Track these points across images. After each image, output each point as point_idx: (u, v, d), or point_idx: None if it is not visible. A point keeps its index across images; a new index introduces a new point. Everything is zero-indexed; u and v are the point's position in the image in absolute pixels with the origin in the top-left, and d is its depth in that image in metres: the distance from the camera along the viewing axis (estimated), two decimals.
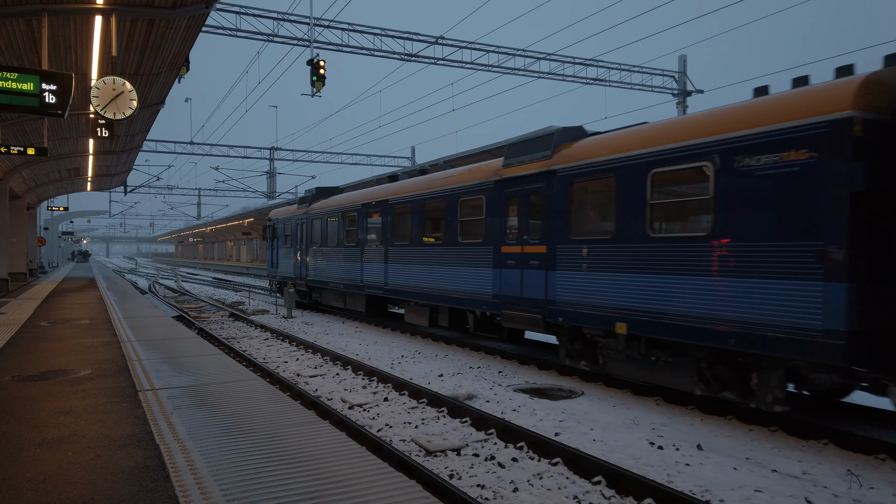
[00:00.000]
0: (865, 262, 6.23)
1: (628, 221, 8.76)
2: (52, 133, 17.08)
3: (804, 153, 6.60)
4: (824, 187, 6.40)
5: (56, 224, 58.32)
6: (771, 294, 6.85)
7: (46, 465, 3.96)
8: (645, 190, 8.46)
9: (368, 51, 19.91)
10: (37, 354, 8.11)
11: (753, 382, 7.33)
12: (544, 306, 10.37)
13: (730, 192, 7.34)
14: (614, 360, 9.32)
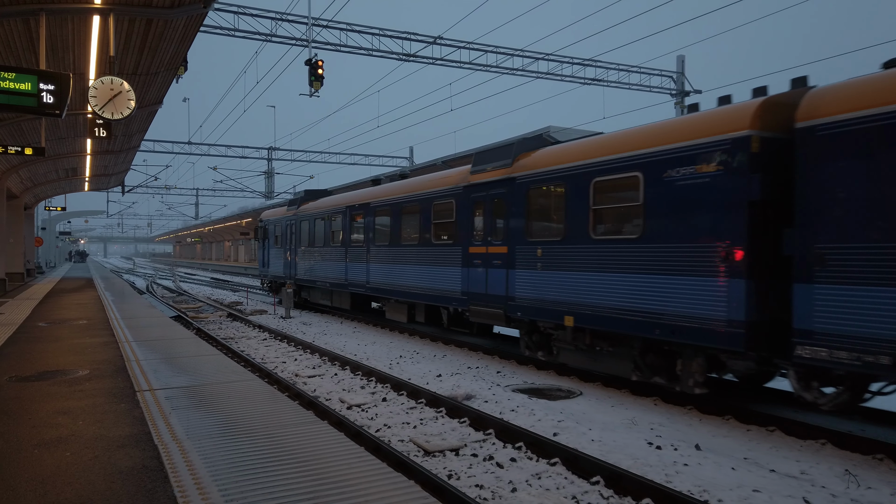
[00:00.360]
0: (760, 262, 7.18)
1: (575, 225, 9.76)
2: (50, 133, 17.05)
3: (713, 166, 7.58)
4: (728, 196, 7.36)
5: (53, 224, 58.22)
6: (687, 289, 7.84)
7: (44, 465, 3.95)
8: (588, 197, 9.48)
9: (367, 51, 19.90)
10: (35, 355, 8.10)
11: (678, 368, 8.27)
12: (505, 302, 11.32)
13: (656, 200, 8.34)
14: (565, 351, 10.29)
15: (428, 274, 13.94)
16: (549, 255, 10.32)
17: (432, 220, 13.83)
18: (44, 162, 21.52)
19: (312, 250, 20.99)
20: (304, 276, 21.65)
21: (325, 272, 19.87)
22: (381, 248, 16.16)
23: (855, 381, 6.71)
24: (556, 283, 10.11)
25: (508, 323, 11.46)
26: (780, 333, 7.11)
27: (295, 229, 22.61)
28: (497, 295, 11.57)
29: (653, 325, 8.30)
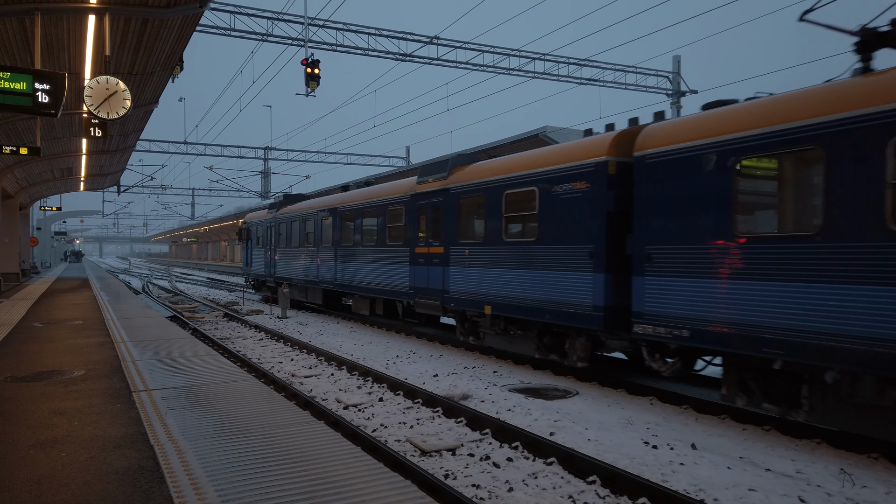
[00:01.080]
0: (613, 260, 9.13)
1: (492, 229, 11.64)
2: (45, 132, 17.00)
3: (584, 184, 9.55)
4: (593, 208, 9.36)
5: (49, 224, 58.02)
6: (567, 282, 9.82)
7: (40, 465, 3.95)
8: (502, 206, 11.33)
9: (363, 50, 19.89)
10: (30, 355, 8.08)
11: (567, 346, 10.26)
12: (442, 295, 13.19)
13: (547, 210, 10.28)
14: (488, 335, 12.12)
15: (384, 271, 15.80)
16: (473, 255, 12.23)
17: (387, 223, 15.66)
18: (39, 161, 21.46)
19: (289, 250, 22.63)
20: (283, 275, 23.19)
21: (300, 271, 21.53)
22: (346, 249, 18.01)
23: (684, 353, 8.56)
24: (479, 278, 12.05)
25: (445, 313, 13.34)
26: (626, 316, 8.96)
27: (274, 231, 24.20)
28: (436, 289, 13.45)
29: (546, 311, 10.26)
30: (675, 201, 8.13)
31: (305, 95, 17.93)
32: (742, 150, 7.31)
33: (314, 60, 17.68)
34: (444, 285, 13.07)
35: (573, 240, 9.71)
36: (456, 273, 12.71)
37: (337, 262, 18.57)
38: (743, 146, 7.30)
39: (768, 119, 7.09)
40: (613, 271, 9.16)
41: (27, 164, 21.59)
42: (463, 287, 12.46)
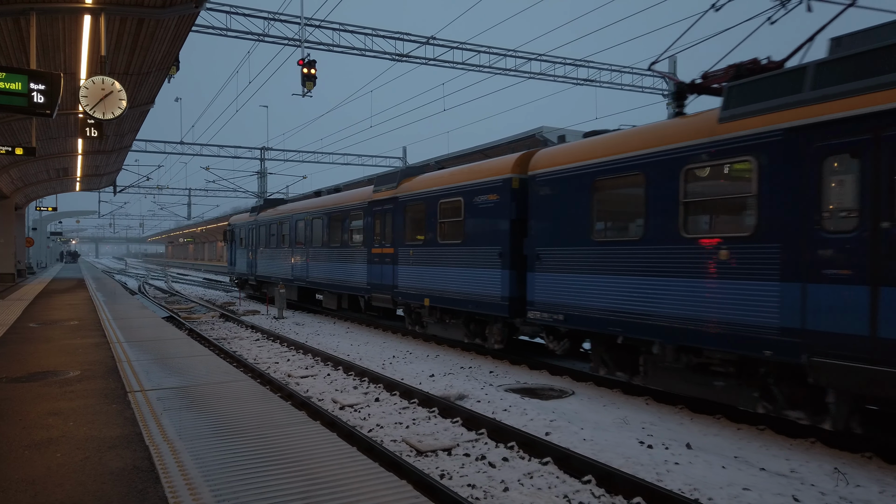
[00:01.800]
0: (515, 259, 11.07)
1: (430, 232, 13.48)
2: (41, 133, 16.95)
3: (495, 196, 11.49)
4: (501, 215, 11.29)
5: (44, 224, 57.87)
6: (486, 277, 11.69)
7: (35, 466, 3.94)
8: (436, 213, 13.21)
9: (359, 51, 19.88)
10: (25, 356, 8.06)
11: (487, 332, 12.13)
12: (392, 290, 15.03)
13: (470, 217, 12.18)
14: (429, 324, 13.98)
15: (347, 270, 17.69)
16: (416, 255, 14.04)
17: (350, 227, 17.66)
18: (34, 162, 21.40)
19: (269, 251, 24.57)
20: (263, 273, 25.25)
21: (277, 269, 23.45)
22: (316, 249, 19.93)
23: (571, 335, 10.53)
24: (420, 275, 13.87)
25: (395, 305, 15.23)
26: (523, 305, 10.92)
27: (255, 233, 26.23)
28: (387, 285, 15.29)
29: (469, 302, 12.12)
30: (555, 212, 10.17)
31: (302, 96, 17.91)
32: (597, 174, 9.36)
33: (311, 61, 17.67)
34: (394, 281, 14.98)
35: (488, 242, 11.69)
36: (402, 271, 14.63)
37: (309, 262, 20.46)
38: (598, 170, 9.35)
39: (613, 150, 9.11)
40: (516, 268, 11.12)
41: (22, 164, 21.53)
42: (408, 283, 14.37)
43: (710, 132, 7.65)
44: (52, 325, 11.31)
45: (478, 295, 11.85)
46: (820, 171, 6.53)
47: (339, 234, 18.28)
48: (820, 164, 6.54)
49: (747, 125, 7.27)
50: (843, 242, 6.23)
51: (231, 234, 29.99)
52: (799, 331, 6.57)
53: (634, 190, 8.71)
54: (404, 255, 14.50)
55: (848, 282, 6.14)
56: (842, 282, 6.18)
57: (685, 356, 8.07)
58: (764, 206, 7.01)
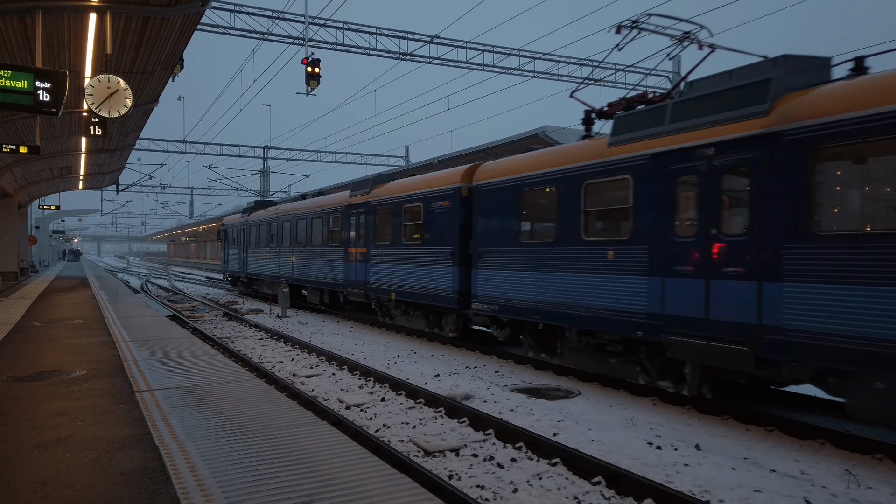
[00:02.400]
0: (463, 258, 12.70)
1: (396, 234, 15.22)
2: (45, 131, 16.94)
3: (448, 202, 13.12)
4: (452, 220, 12.95)
5: (47, 223, 57.89)
6: (440, 274, 13.31)
7: (45, 466, 3.92)
8: (401, 216, 14.99)
9: (364, 50, 19.85)
10: (31, 355, 8.05)
11: (443, 322, 13.96)
12: (364, 286, 16.80)
13: (428, 220, 13.81)
14: (396, 316, 15.82)
15: (327, 267, 19.31)
16: (385, 254, 15.76)
17: (329, 228, 19.20)
18: (38, 160, 21.38)
19: (258, 249, 26.27)
20: (253, 271, 27.04)
21: (266, 267, 25.24)
22: (301, 249, 21.60)
23: (512, 324, 11.86)
24: (388, 272, 15.64)
25: (367, 300, 16.84)
26: (467, 297, 12.60)
27: (246, 233, 27.95)
28: (361, 281, 17.04)
29: (428, 295, 13.75)
30: (493, 217, 11.86)
31: (306, 94, 17.89)
32: (523, 185, 11.11)
33: (315, 59, 17.64)
34: (366, 278, 16.71)
35: (442, 242, 13.29)
36: (373, 268, 16.34)
37: (294, 260, 22.18)
38: (524, 183, 11.10)
39: (536, 166, 10.85)
40: (464, 266, 12.70)
41: (26, 162, 21.52)
42: (378, 279, 16.11)
43: (602, 154, 9.44)
44: (56, 324, 11.29)
45: (434, 289, 13.55)
46: (674, 189, 8.22)
47: (320, 234, 19.98)
48: (673, 183, 8.22)
49: (626, 150, 8.97)
50: (687, 245, 7.98)
51: (224, 233, 31.73)
52: (659, 315, 8.31)
53: (550, 200, 10.50)
54: (375, 253, 16.24)
55: (691, 276, 7.89)
56: (687, 276, 7.96)
57: (586, 338, 9.90)
58: (637, 216, 8.73)
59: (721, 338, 7.45)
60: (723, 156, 7.60)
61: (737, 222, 7.53)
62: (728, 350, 7.33)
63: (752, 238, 7.18)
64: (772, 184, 7.03)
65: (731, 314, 7.37)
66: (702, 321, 7.70)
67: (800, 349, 6.67)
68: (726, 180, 7.62)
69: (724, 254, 7.50)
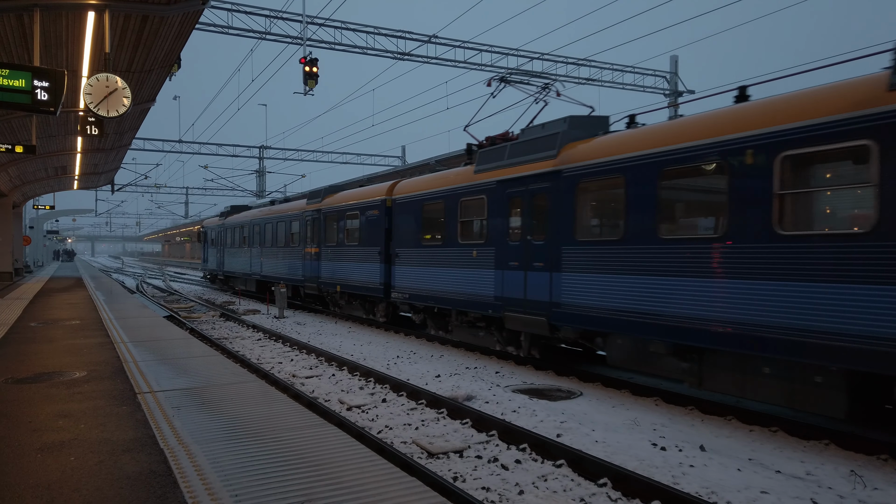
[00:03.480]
0: (386, 256, 15.62)
1: (341, 236, 18.32)
2: (41, 130, 16.82)
3: (377, 211, 16.07)
4: (380, 225, 15.88)
5: (41, 223, 57.58)
6: (371, 269, 16.32)
7: (49, 470, 3.86)
8: (345, 221, 18.05)
9: (361, 49, 19.79)
10: (29, 356, 7.96)
11: (376, 308, 17.00)
12: (317, 280, 19.96)
13: (363, 225, 16.83)
14: (342, 305, 18.99)
15: (289, 265, 22.33)
16: (332, 253, 18.77)
17: (291, 231, 22.33)
18: (33, 160, 21.24)
19: (233, 249, 29.50)
20: (229, 269, 30.47)
21: (240, 266, 28.54)
22: (268, 249, 24.68)
23: (425, 311, 14.74)
24: (334, 268, 18.73)
25: (320, 293, 20.09)
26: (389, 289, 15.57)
27: (223, 234, 31.19)
28: (314, 276, 20.10)
29: (364, 287, 16.78)
30: (404, 224, 15.03)
31: (304, 94, 17.82)
32: (423, 200, 14.19)
33: (312, 59, 17.57)
34: (319, 274, 19.71)
35: (372, 244, 16.37)
36: (324, 265, 19.37)
37: (263, 259, 25.29)
38: (423, 198, 14.19)
39: (432, 186, 13.92)
40: (386, 263, 15.77)
41: (21, 162, 21.37)
42: (327, 274, 19.13)
43: (470, 179, 12.60)
44: (53, 325, 11.20)
45: (367, 282, 16.57)
46: (509, 207, 11.41)
47: (284, 236, 23.03)
48: (509, 203, 11.41)
49: (484, 176, 12.12)
50: (515, 247, 11.19)
51: (204, 235, 35.19)
52: (501, 297, 11.48)
53: (439, 212, 13.60)
54: (325, 253, 19.27)
55: (517, 269, 11.10)
56: (515, 269, 11.17)
57: (462, 317, 13.08)
58: (489, 225, 11.92)
59: (532, 312, 10.62)
60: (534, 184, 10.74)
61: (539, 231, 10.65)
62: (536, 320, 10.52)
63: (548, 242, 10.37)
64: (557, 205, 10.17)
65: (537, 295, 10.59)
66: (522, 300, 10.92)
67: (571, 318, 9.87)
68: (535, 202, 10.75)
69: (533, 253, 10.70)
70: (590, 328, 9.55)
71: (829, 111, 6.55)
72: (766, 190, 7.06)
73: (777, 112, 7.08)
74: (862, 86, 6.39)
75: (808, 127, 6.71)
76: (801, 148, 6.75)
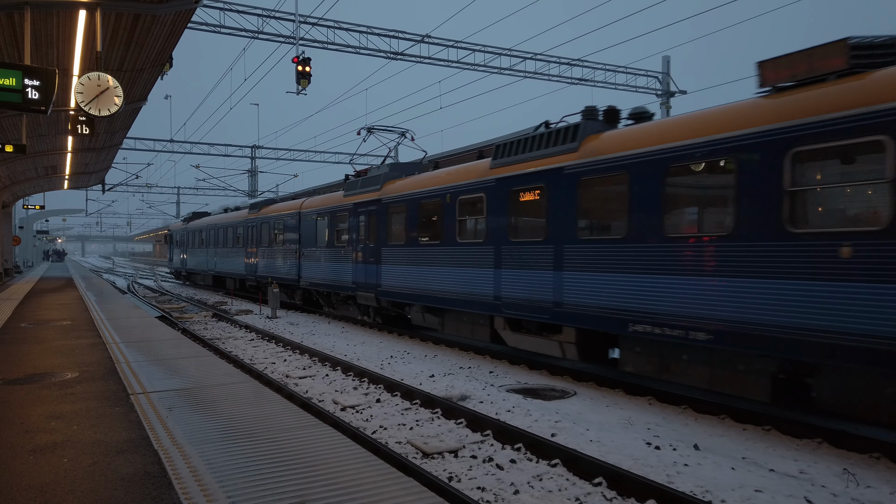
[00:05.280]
0: (300, 254, 20.49)
1: (268, 239, 23.03)
2: (31, 130, 16.68)
3: (294, 220, 21.17)
4: (295, 230, 21.24)
5: (31, 223, 57.14)
6: (291, 264, 21.11)
7: (42, 472, 3.82)
8: (273, 227, 22.73)
9: (354, 49, 19.75)
10: (20, 357, 7.90)
11: (294, 294, 22.11)
12: (255, 274, 24.81)
13: (285, 229, 21.83)
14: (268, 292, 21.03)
15: (236, 262, 27.27)
16: (263, 252, 23.87)
17: (237, 234, 27.07)
18: (23, 159, 21.07)
19: (193, 250, 35.06)
20: (191, 267, 35.85)
21: (199, 264, 33.70)
22: (220, 249, 29.41)
23: (327, 296, 19.36)
24: (266, 264, 23.58)
25: (258, 283, 25.46)
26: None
27: (186, 237, 36.50)
28: (253, 271, 24.91)
29: (284, 278, 21.62)
30: (308, 230, 19.81)
31: (296, 94, 17.77)
32: (320, 213, 18.67)
33: (305, 58, 17.52)
34: (257, 270, 24.67)
35: (291, 244, 21.37)
36: (260, 262, 24.29)
37: (217, 258, 30.20)
38: (321, 212, 18.46)
39: (324, 203, 18.13)
40: (300, 259, 20.47)
41: (11, 161, 21.19)
42: (262, 270, 23.92)
43: (340, 201, 17.54)
44: (44, 326, 11.12)
45: (286, 274, 21.57)
46: (358, 220, 16.48)
47: (231, 239, 27.89)
48: (358, 218, 16.53)
49: (349, 199, 17.14)
50: (372, 249, 15.90)
51: (170, 237, 41.26)
52: (355, 282, 16.76)
53: (327, 221, 18.29)
54: (260, 252, 24.29)
55: (362, 263, 16.45)
56: (362, 263, 16.50)
57: (337, 297, 18.28)
58: (350, 231, 16.98)
59: (368, 291, 15.92)
60: (371, 206, 15.94)
61: (373, 236, 16.09)
62: (370, 296, 15.85)
63: (378, 244, 15.76)
64: (382, 221, 15.48)
65: (371, 280, 15.78)
66: (364, 283, 16.07)
67: (387, 294, 15.18)
68: (370, 217, 16.09)
69: (370, 252, 16.20)
70: (398, 301, 14.72)
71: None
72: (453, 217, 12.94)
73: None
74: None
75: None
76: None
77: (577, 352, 9.78)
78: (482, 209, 11.64)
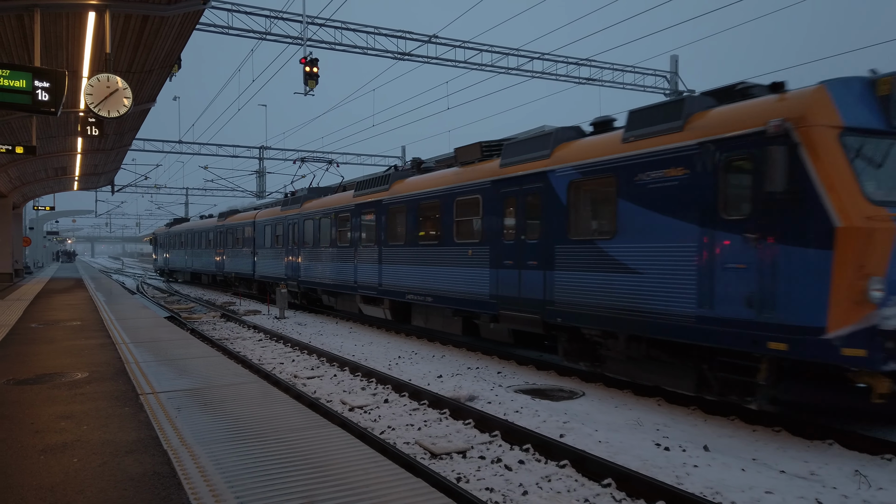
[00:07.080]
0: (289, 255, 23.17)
1: (234, 242, 28.26)
2: (41, 131, 16.79)
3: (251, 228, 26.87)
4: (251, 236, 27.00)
5: (41, 224, 57.54)
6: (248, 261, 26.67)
7: (52, 472, 3.84)
8: (237, 233, 28.52)
9: (362, 49, 19.77)
10: (30, 357, 7.95)
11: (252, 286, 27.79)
12: (223, 271, 29.79)
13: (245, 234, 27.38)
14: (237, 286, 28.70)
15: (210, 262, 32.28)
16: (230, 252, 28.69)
17: (209, 238, 32.33)
18: (33, 160, 21.20)
19: (174, 250, 40.69)
20: (172, 266, 41.76)
21: (179, 263, 39.54)
22: (195, 251, 35.05)
23: (272, 285, 24.47)
24: (233, 262, 28.57)
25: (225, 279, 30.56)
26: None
27: (169, 239, 42.32)
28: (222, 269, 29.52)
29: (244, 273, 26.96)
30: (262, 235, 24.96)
31: (304, 94, 17.79)
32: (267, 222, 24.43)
33: (313, 59, 17.55)
34: (224, 267, 29.70)
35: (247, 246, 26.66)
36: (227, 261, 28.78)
37: (193, 258, 35.91)
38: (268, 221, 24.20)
39: (272, 214, 24.27)
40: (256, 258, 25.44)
41: (21, 162, 21.33)
42: (229, 268, 28.57)
43: (278, 214, 23.48)
44: (54, 326, 11.18)
45: (244, 269, 26.39)
46: (287, 230, 22.52)
47: (206, 242, 32.98)
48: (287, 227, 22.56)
49: (284, 213, 22.78)
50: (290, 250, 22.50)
51: (154, 240, 48.17)
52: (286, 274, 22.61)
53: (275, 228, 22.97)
54: (227, 252, 28.96)
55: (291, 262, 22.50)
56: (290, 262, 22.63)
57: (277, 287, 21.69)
58: (284, 236, 23.01)
59: (293, 280, 21.51)
60: (292, 219, 21.83)
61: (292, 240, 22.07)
62: (294, 284, 21.34)
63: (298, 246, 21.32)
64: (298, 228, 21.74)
65: (293, 274, 21.62)
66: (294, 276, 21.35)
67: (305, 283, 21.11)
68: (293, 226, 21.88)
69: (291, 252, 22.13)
70: (312, 287, 20.31)
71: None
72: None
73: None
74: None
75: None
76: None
77: (391, 314, 15.67)
78: (347, 223, 18.06)
